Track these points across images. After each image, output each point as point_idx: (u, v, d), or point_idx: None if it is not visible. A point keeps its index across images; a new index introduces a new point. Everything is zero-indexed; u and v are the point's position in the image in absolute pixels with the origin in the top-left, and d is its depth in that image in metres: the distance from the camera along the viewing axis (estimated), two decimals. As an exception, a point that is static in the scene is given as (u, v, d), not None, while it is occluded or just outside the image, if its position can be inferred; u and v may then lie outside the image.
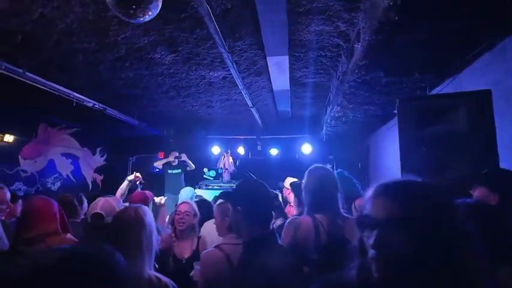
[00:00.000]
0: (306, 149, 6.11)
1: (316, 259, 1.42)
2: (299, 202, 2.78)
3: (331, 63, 3.30)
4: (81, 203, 2.75)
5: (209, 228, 2.18)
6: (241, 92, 4.27)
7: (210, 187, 4.90)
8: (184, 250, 2.16)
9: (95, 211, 1.80)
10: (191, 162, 5.25)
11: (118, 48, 2.84)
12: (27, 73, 3.16)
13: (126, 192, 2.99)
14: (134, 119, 5.37)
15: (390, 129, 4.28)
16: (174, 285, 1.32)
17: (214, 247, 1.36)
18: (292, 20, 2.40)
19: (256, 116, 4.93)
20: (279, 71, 3.49)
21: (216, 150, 6.43)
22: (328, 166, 1.80)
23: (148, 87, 4.07)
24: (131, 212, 1.40)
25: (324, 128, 5.04)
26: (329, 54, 3.09)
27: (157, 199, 2.62)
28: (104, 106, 4.52)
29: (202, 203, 2.65)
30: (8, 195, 1.86)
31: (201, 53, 2.98)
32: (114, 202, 1.89)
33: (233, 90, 4.17)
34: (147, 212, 1.47)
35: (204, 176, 4.88)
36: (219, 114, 5.63)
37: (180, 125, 6.67)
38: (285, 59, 3.17)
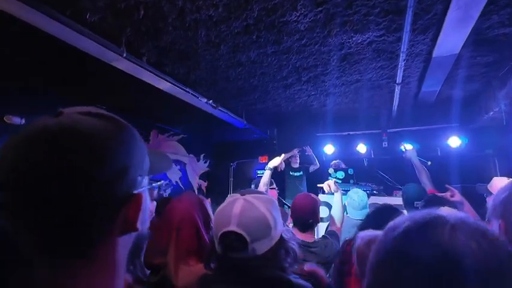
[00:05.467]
0: (454, 142, 4.64)
1: None
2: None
3: None
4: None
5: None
6: (382, 66, 3.28)
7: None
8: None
9: (227, 228, 0.94)
10: (317, 159, 4.51)
11: (249, 12, 2.21)
12: (147, 65, 2.83)
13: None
14: (242, 119, 4.86)
15: None
16: None
17: None
18: None
19: (396, 99, 3.82)
20: (458, 22, 2.37)
21: (329, 149, 5.49)
22: None
23: (267, 74, 3.44)
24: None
25: (497, 109, 3.59)
26: None
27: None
28: (215, 105, 4.10)
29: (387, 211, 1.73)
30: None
31: (356, 1, 2.13)
32: (265, 205, 0.99)
33: (373, 64, 3.20)
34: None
35: (330, 177, 3.98)
36: (337, 104, 4.70)
37: (285, 123, 5.99)
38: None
